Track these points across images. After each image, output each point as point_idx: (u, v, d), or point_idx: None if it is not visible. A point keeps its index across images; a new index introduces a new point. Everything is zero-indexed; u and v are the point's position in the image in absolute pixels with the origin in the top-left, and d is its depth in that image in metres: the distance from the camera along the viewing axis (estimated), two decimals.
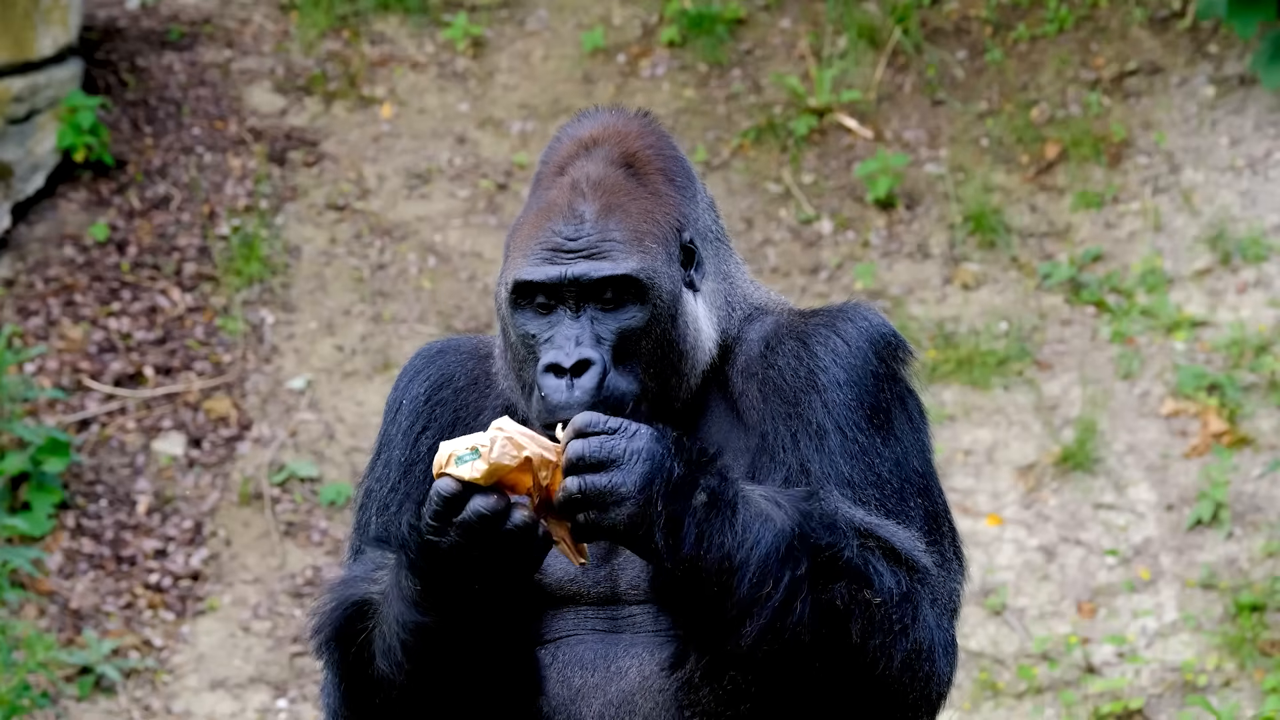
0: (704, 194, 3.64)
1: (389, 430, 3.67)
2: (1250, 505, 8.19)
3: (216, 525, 8.54)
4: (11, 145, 9.33)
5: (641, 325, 3.43)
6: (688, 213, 3.55)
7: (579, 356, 3.37)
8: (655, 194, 3.51)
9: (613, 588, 3.46)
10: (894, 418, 3.49)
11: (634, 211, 3.47)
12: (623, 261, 3.42)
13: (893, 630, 3.26)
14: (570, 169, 3.52)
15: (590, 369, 3.37)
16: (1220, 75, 9.66)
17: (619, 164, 3.52)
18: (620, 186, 3.49)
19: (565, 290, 3.41)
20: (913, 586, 3.31)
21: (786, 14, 10.31)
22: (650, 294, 3.43)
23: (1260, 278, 8.93)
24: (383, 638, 3.36)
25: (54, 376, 8.87)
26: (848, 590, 3.23)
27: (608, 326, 3.43)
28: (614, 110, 3.63)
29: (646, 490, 3.14)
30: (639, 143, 3.55)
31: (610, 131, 3.57)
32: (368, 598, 3.40)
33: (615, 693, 3.43)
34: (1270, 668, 7.63)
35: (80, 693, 7.91)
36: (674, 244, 3.50)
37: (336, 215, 9.66)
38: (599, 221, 3.44)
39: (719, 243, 3.64)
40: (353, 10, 10.41)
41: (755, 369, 3.54)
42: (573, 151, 3.56)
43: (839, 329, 3.50)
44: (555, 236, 3.45)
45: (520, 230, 3.52)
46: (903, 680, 3.30)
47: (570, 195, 3.48)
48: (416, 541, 3.21)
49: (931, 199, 9.59)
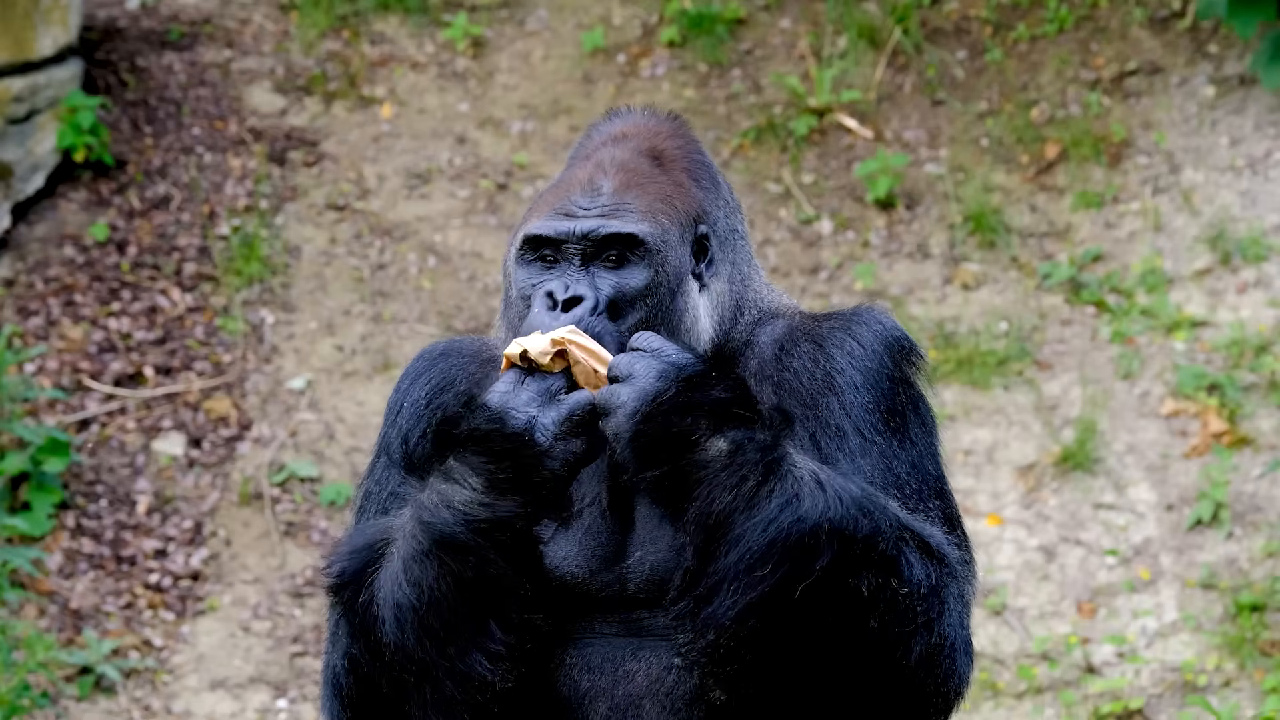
0: (730, 199, 3.65)
1: (389, 432, 3.67)
2: (1250, 505, 8.19)
3: (216, 525, 8.54)
4: (11, 145, 9.33)
5: (639, 287, 3.45)
6: (707, 209, 3.57)
7: (575, 292, 3.40)
8: (677, 184, 3.54)
9: (622, 590, 3.46)
10: (909, 421, 3.51)
11: (652, 191, 3.50)
12: (632, 224, 3.44)
13: (915, 622, 3.26)
14: (596, 154, 3.56)
15: (580, 304, 3.40)
16: (1220, 75, 9.67)
17: (646, 155, 3.56)
18: (643, 171, 3.53)
19: (571, 246, 3.44)
20: (942, 580, 3.31)
21: (786, 14, 10.31)
22: (653, 259, 3.45)
23: (1260, 278, 8.93)
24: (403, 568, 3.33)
25: (54, 376, 8.86)
26: (876, 578, 3.23)
27: (607, 281, 3.44)
28: (647, 111, 3.67)
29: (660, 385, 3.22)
30: (668, 141, 3.59)
31: (641, 129, 3.61)
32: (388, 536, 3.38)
33: (622, 696, 3.42)
34: (1270, 668, 7.63)
35: (80, 693, 7.91)
36: (688, 230, 3.52)
37: (336, 215, 9.66)
38: (616, 194, 3.48)
39: (738, 243, 3.65)
40: (353, 10, 10.41)
41: (769, 371, 3.54)
42: (601, 143, 3.60)
43: (854, 332, 3.52)
44: (570, 204, 3.48)
45: (538, 202, 3.55)
46: (919, 674, 3.29)
47: (593, 172, 3.52)
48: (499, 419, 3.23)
49: (931, 199, 9.59)
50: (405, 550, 3.31)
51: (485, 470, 3.24)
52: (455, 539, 3.26)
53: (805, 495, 3.21)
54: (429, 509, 3.28)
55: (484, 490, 3.24)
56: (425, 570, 3.29)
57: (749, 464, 3.19)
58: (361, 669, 3.40)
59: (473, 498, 3.25)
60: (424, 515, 3.29)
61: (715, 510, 3.19)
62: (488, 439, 3.23)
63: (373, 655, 3.37)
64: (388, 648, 3.33)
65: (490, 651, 3.31)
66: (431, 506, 3.28)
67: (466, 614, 3.30)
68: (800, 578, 3.18)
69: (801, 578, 3.18)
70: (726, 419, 3.21)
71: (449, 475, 3.27)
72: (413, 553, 3.30)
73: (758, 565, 3.18)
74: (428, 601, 3.29)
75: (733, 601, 3.20)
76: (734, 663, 3.25)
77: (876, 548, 3.23)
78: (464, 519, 3.25)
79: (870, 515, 3.23)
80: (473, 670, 3.31)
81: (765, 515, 3.18)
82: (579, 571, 3.46)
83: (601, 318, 3.40)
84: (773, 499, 3.19)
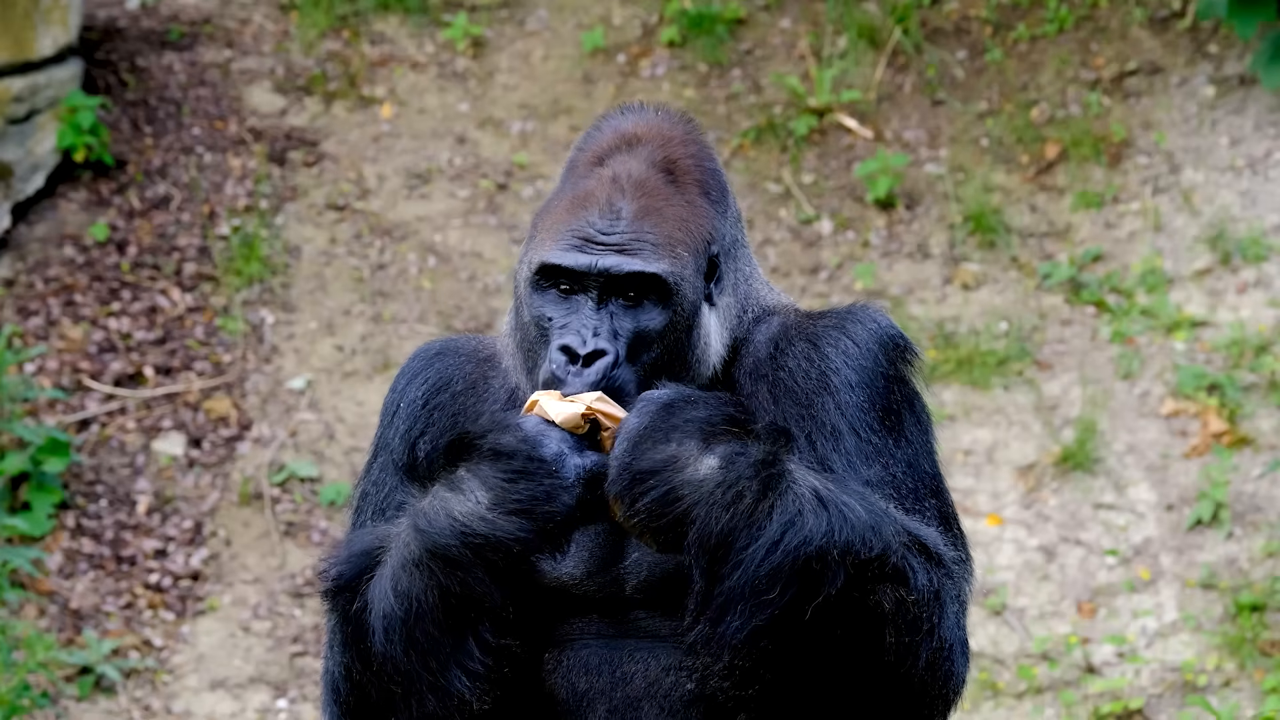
0: (734, 208, 3.63)
1: (385, 433, 3.66)
2: (1250, 505, 8.19)
3: (216, 525, 8.54)
4: (11, 145, 9.33)
5: (659, 328, 3.42)
6: (718, 227, 3.53)
7: (596, 346, 3.37)
8: (691, 204, 3.49)
9: (619, 591, 3.45)
10: (904, 420, 3.49)
11: (670, 217, 3.46)
12: (653, 262, 3.40)
13: (921, 629, 3.26)
14: (610, 162, 3.51)
15: (602, 359, 3.37)
16: (1220, 75, 9.66)
17: (660, 168, 3.50)
18: (659, 191, 3.47)
19: (591, 280, 3.40)
20: (942, 583, 3.31)
21: (786, 14, 10.31)
22: (673, 299, 3.42)
23: (1260, 278, 8.93)
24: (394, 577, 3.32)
25: (54, 376, 8.87)
26: (893, 592, 3.22)
27: (625, 324, 3.41)
28: (659, 109, 3.61)
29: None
30: (681, 150, 3.54)
31: (654, 131, 3.56)
32: (384, 544, 3.36)
33: (621, 698, 3.42)
34: (1270, 668, 7.63)
35: (80, 693, 7.91)
36: (702, 256, 3.48)
37: (336, 215, 9.66)
38: (635, 221, 3.43)
39: (739, 252, 3.63)
40: (353, 10, 10.41)
41: (764, 370, 3.53)
42: (613, 144, 3.54)
43: (849, 331, 3.50)
44: (589, 227, 3.43)
45: (551, 213, 3.50)
46: (924, 679, 3.29)
47: (610, 190, 3.46)
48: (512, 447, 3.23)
49: (931, 199, 9.59)
50: (397, 558, 3.30)
51: (497, 486, 3.22)
52: (447, 550, 3.24)
53: (808, 513, 3.19)
54: (426, 516, 3.26)
55: (489, 506, 3.22)
56: (414, 580, 3.27)
57: (744, 479, 3.17)
58: (354, 676, 3.40)
59: (475, 511, 3.23)
60: (419, 522, 3.27)
61: (714, 530, 3.17)
62: (511, 456, 3.22)
63: (364, 664, 3.36)
64: (377, 657, 3.32)
65: (469, 670, 3.30)
66: (429, 514, 3.26)
67: (449, 628, 3.28)
68: (810, 598, 3.18)
69: (811, 598, 3.18)
70: (713, 436, 3.19)
71: (455, 485, 3.25)
72: (404, 561, 3.28)
73: (765, 588, 3.17)
74: (415, 612, 3.27)
75: (741, 624, 3.18)
76: (754, 684, 3.25)
77: (889, 562, 3.22)
78: (460, 532, 3.23)
79: (879, 531, 3.22)
80: (452, 687, 3.30)
81: (768, 537, 3.16)
82: (576, 572, 3.44)
83: (623, 367, 3.38)
84: (774, 518, 3.17)
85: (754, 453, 3.18)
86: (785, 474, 3.19)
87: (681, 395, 3.25)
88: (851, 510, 3.21)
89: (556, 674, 3.45)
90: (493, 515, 3.22)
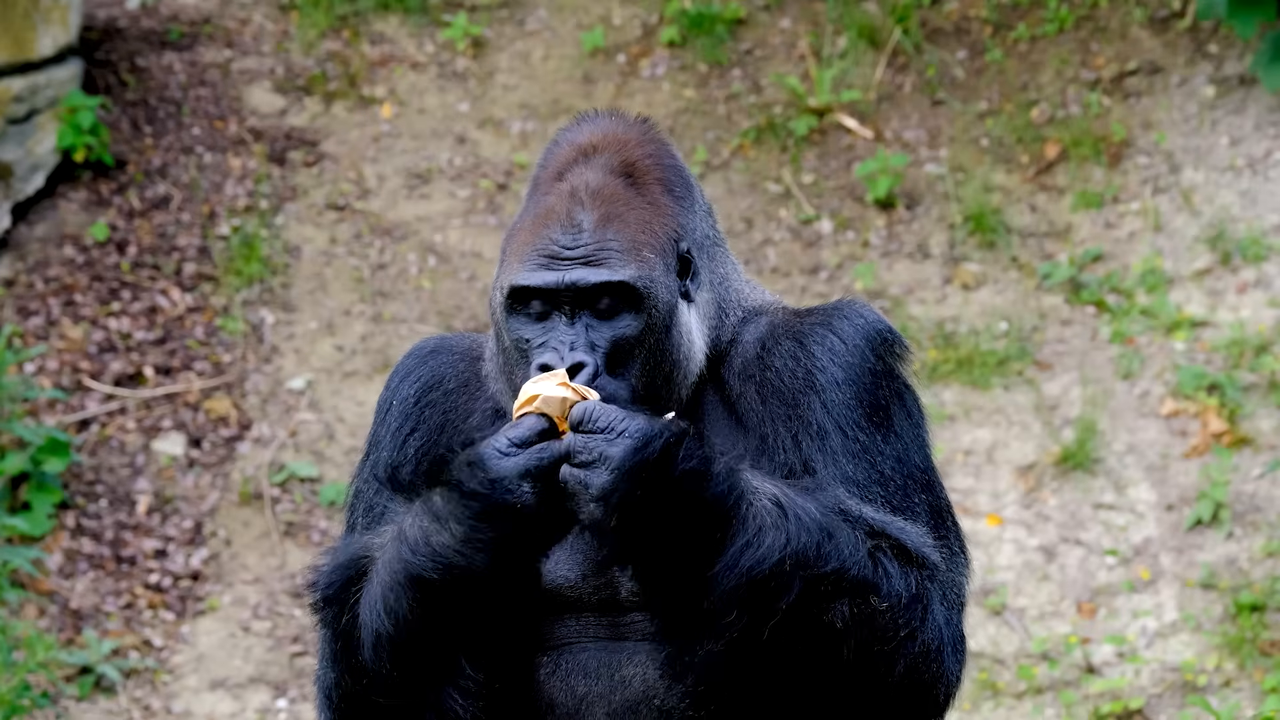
0: (701, 201, 3.61)
1: (378, 431, 3.67)
2: (1250, 505, 8.19)
3: (216, 525, 8.54)
4: (11, 145, 9.33)
5: (636, 334, 3.41)
6: (685, 223, 3.52)
7: (573, 360, 3.35)
8: (654, 204, 3.49)
9: (614, 594, 3.44)
10: (893, 414, 3.48)
11: (632, 221, 3.45)
12: (620, 269, 3.40)
13: (897, 637, 3.25)
14: (569, 175, 3.51)
15: (582, 371, 3.36)
16: (1220, 75, 9.66)
17: (618, 173, 3.49)
18: (619, 196, 3.46)
19: (561, 296, 3.39)
20: (923, 585, 3.29)
21: (786, 14, 10.31)
22: (646, 303, 3.41)
23: (1260, 278, 8.93)
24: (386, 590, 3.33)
25: (54, 376, 8.87)
26: (850, 606, 3.22)
27: (602, 334, 3.41)
28: (613, 115, 3.61)
29: (625, 465, 3.15)
30: (638, 151, 3.53)
31: (610, 138, 3.55)
32: (370, 554, 3.38)
33: (619, 702, 3.41)
34: (1270, 668, 7.63)
35: (80, 693, 7.91)
36: (671, 255, 3.47)
37: (336, 215, 9.66)
38: (597, 230, 3.42)
39: (715, 248, 3.62)
40: (353, 10, 10.41)
41: (752, 371, 3.52)
42: (571, 157, 3.53)
43: (835, 327, 3.49)
44: (552, 244, 3.43)
45: (517, 235, 3.50)
46: (905, 684, 3.28)
47: (569, 203, 3.46)
48: (485, 466, 3.20)
49: (931, 199, 9.59)
50: (384, 578, 3.31)
51: (467, 522, 3.22)
52: (430, 580, 3.25)
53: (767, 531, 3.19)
54: (409, 543, 3.28)
55: (462, 541, 3.22)
56: (400, 602, 3.28)
57: (702, 505, 3.16)
58: (345, 688, 3.42)
59: (450, 544, 3.23)
60: (403, 551, 3.28)
61: (671, 559, 3.18)
62: (474, 498, 3.21)
63: (354, 678, 3.38)
64: (368, 673, 3.35)
65: (461, 687, 3.32)
66: (412, 541, 3.27)
67: (439, 648, 3.30)
68: (766, 618, 3.18)
69: (767, 618, 3.18)
70: (666, 465, 3.15)
71: (434, 512, 3.25)
72: (390, 583, 3.29)
73: (721, 613, 3.17)
74: (404, 632, 3.29)
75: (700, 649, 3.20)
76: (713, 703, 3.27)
77: (847, 575, 3.21)
78: (440, 565, 3.24)
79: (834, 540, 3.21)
80: (445, 703, 3.33)
81: (725, 560, 3.17)
82: (571, 576, 3.44)
83: (604, 377, 3.37)
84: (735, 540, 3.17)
85: (716, 473, 3.17)
86: (743, 494, 3.19)
87: (643, 433, 3.19)
88: (807, 521, 3.21)
89: (555, 678, 3.44)
90: (468, 550, 3.23)
